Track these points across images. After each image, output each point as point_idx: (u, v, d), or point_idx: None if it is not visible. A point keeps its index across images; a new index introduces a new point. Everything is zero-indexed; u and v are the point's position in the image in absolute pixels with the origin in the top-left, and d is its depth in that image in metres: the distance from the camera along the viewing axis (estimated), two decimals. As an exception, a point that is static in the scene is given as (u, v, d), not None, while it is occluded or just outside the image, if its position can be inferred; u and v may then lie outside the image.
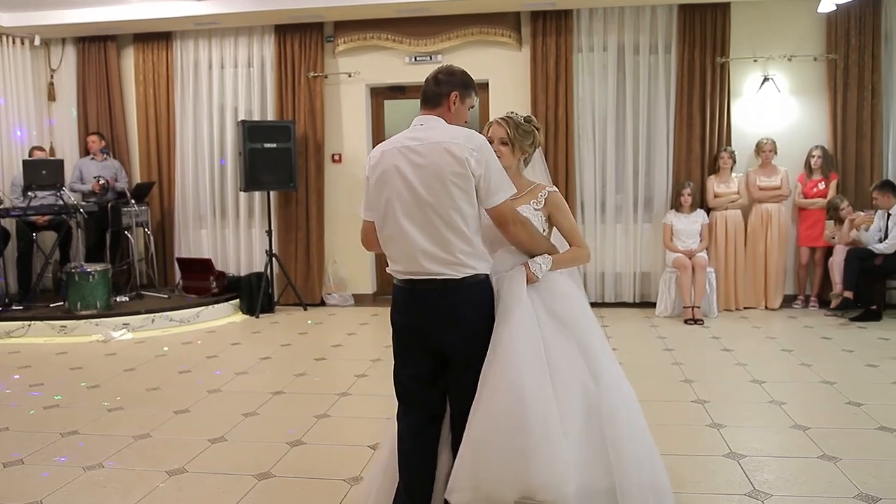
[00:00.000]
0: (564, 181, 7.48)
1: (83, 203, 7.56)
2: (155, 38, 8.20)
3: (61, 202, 7.25)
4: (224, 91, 8.26)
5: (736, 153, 7.35)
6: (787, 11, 7.36)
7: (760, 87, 7.41)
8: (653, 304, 7.43)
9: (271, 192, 7.93)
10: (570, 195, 7.51)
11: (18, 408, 4.68)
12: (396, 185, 2.62)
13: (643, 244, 7.67)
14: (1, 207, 7.38)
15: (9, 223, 7.76)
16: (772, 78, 7.37)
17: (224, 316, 7.51)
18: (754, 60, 7.39)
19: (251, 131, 7.54)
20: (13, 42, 8.13)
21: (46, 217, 7.56)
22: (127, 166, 8.37)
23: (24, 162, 7.43)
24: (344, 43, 7.91)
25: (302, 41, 7.94)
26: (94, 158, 8.02)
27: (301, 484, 3.47)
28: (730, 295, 7.37)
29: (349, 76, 7.97)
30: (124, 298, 7.43)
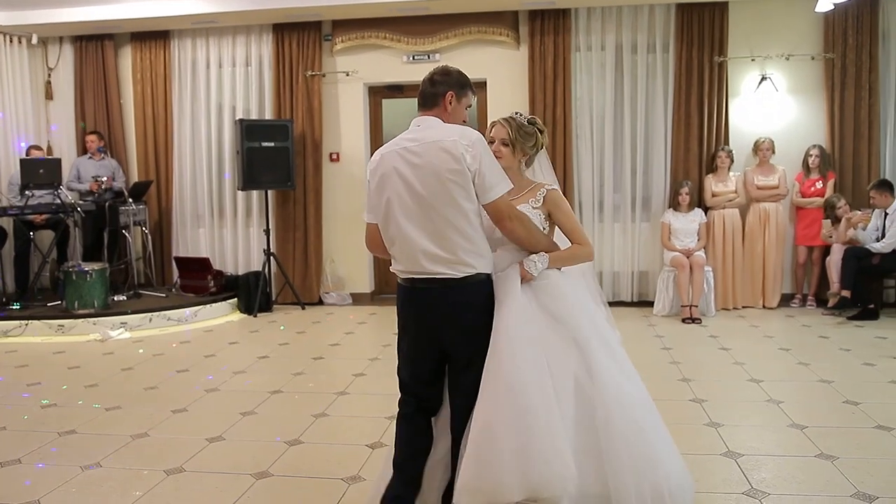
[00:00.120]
0: (562, 180, 7.48)
1: (81, 202, 7.56)
2: (152, 37, 8.19)
3: (59, 201, 7.24)
4: (222, 90, 8.25)
5: (734, 152, 7.36)
6: (784, 10, 7.37)
7: (758, 87, 7.41)
8: (651, 304, 7.43)
9: (269, 191, 7.92)
10: (568, 194, 7.51)
11: (16, 407, 4.68)
12: (396, 187, 2.65)
13: (641, 243, 7.68)
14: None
15: (6, 222, 7.75)
16: (769, 77, 7.38)
17: (222, 315, 7.51)
18: (752, 59, 7.40)
19: (249, 130, 7.53)
20: (10, 41, 8.11)
21: (44, 216, 7.55)
22: (124, 165, 8.37)
23: (21, 161, 7.42)
24: (342, 42, 7.91)
25: (300, 40, 7.94)
26: (91, 157, 8.02)
27: (299, 483, 3.47)
28: (727, 294, 7.38)
29: (347, 75, 7.96)
30: (122, 297, 7.42)
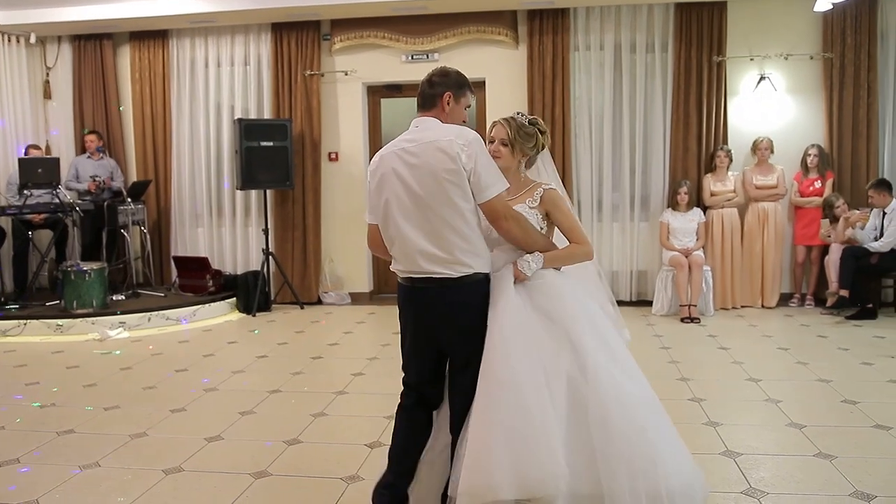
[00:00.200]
0: (561, 180, 7.44)
1: (79, 201, 7.55)
2: (151, 36, 8.18)
3: (57, 200, 7.23)
4: (220, 89, 8.25)
5: (732, 152, 7.37)
6: (783, 10, 7.37)
7: (757, 86, 7.42)
8: (649, 303, 7.43)
9: (268, 191, 7.92)
10: (567, 194, 7.48)
11: (14, 407, 4.67)
12: (394, 187, 2.68)
13: (640, 243, 7.68)
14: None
15: (4, 222, 7.74)
16: (768, 76, 7.38)
17: (221, 314, 7.51)
18: (751, 59, 7.40)
19: (248, 129, 7.52)
20: (8, 40, 8.10)
21: (42, 215, 7.54)
22: (123, 164, 8.36)
23: (19, 160, 7.41)
24: (340, 41, 7.90)
25: (298, 39, 7.93)
26: (90, 157, 8.01)
27: (298, 483, 3.47)
28: (726, 293, 7.38)
29: (346, 74, 7.96)
30: (120, 297, 7.42)
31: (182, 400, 4.73)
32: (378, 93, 8.21)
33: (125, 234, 7.77)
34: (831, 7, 6.89)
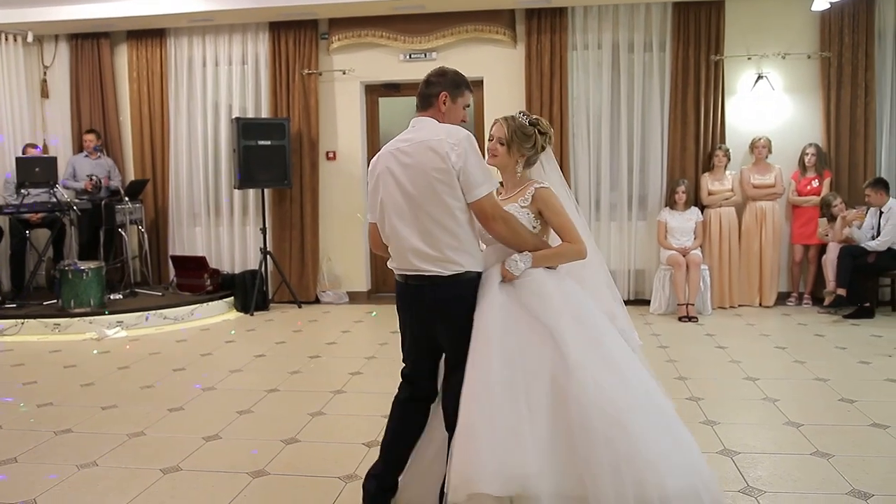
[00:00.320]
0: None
1: (76, 200, 7.54)
2: (149, 35, 8.18)
3: (55, 199, 7.22)
4: (218, 88, 8.24)
5: (730, 151, 7.37)
6: (781, 9, 7.38)
7: (754, 85, 7.42)
8: (647, 302, 7.44)
9: (266, 190, 7.91)
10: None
11: (12, 406, 4.66)
12: (389, 187, 2.74)
13: (637, 242, 7.68)
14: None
15: (2, 220, 7.74)
16: (766, 76, 7.38)
17: (218, 314, 7.50)
18: (748, 58, 7.40)
19: (245, 128, 7.52)
20: (6, 39, 8.09)
21: (40, 214, 7.53)
22: (120, 163, 8.35)
23: (17, 159, 7.39)
24: (338, 40, 7.90)
25: (296, 38, 7.93)
26: (87, 156, 8.00)
27: (296, 482, 3.47)
28: (724, 292, 7.39)
29: (344, 73, 7.95)
30: (118, 296, 7.42)
31: (180, 399, 4.73)
32: (376, 92, 8.21)
33: (123, 233, 7.76)
34: (829, 6, 6.90)
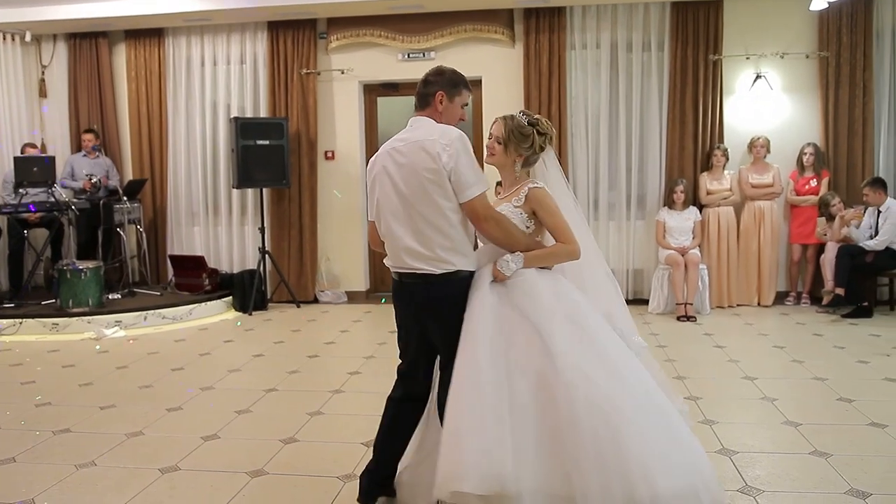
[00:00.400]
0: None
1: (75, 200, 7.53)
2: (147, 35, 8.17)
3: (53, 199, 7.21)
4: (217, 88, 8.23)
5: (728, 150, 7.37)
6: (779, 9, 7.38)
7: (753, 85, 7.43)
8: (645, 301, 7.44)
9: (264, 189, 7.91)
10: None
11: (10, 406, 4.66)
12: (385, 186, 2.78)
13: (636, 241, 7.68)
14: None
15: (0, 220, 7.72)
16: (764, 75, 7.39)
17: (217, 313, 7.50)
18: (747, 58, 7.41)
19: (244, 128, 7.51)
20: (3, 38, 8.07)
21: (38, 214, 7.52)
22: (119, 163, 8.35)
23: (15, 159, 7.38)
24: (337, 40, 7.89)
25: (295, 38, 7.92)
26: (86, 155, 8.00)
27: (294, 481, 3.47)
28: (722, 292, 7.40)
29: (342, 73, 7.95)
30: (116, 296, 7.41)
31: (178, 399, 4.72)
32: (374, 91, 8.21)
33: (121, 232, 7.75)
34: (827, 6, 6.92)
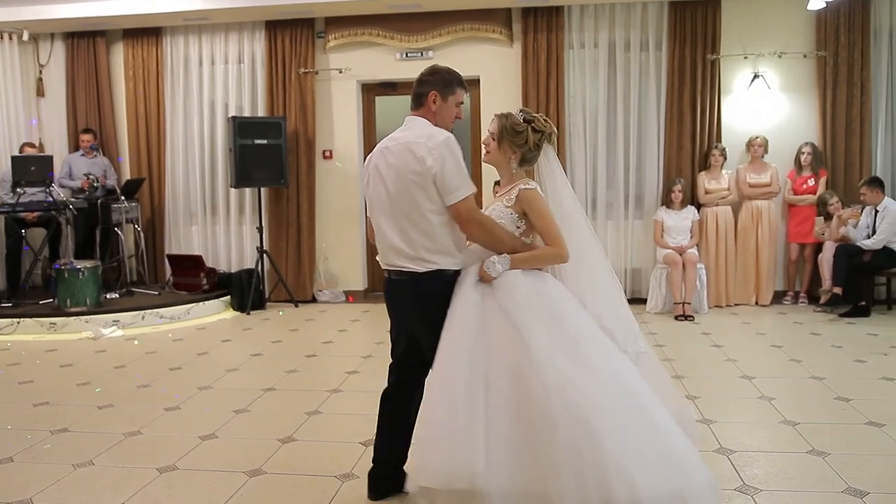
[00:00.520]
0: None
1: (72, 199, 7.52)
2: (145, 34, 8.16)
3: (51, 199, 7.20)
4: (214, 87, 8.23)
5: (726, 150, 7.38)
6: (777, 8, 7.39)
7: (751, 84, 7.43)
8: (644, 301, 7.44)
9: (262, 189, 7.90)
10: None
11: (8, 405, 4.65)
12: (376, 184, 2.84)
13: (634, 241, 7.69)
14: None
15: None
16: (762, 75, 7.40)
17: (215, 313, 7.49)
18: (744, 57, 7.41)
19: (242, 127, 7.51)
20: (1, 37, 8.06)
21: (35, 213, 7.51)
22: (116, 163, 8.33)
23: (12, 158, 7.37)
24: (335, 39, 7.89)
25: (293, 37, 7.92)
26: (83, 155, 7.99)
27: (292, 481, 3.46)
28: (720, 291, 7.40)
29: (340, 72, 7.94)
30: (114, 295, 7.40)
31: (176, 398, 4.72)
32: (372, 90, 8.20)
33: (119, 232, 7.75)
34: (825, 5, 6.92)
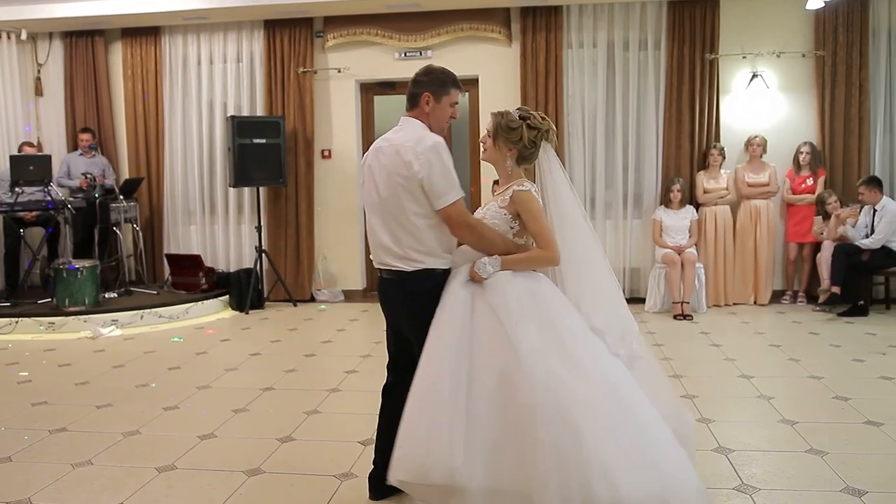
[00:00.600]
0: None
1: (71, 199, 7.52)
2: (143, 33, 8.15)
3: (49, 198, 7.19)
4: (213, 86, 8.22)
5: (725, 149, 7.38)
6: (775, 8, 7.39)
7: (749, 84, 7.44)
8: (642, 300, 7.44)
9: (261, 188, 7.90)
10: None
11: (6, 405, 4.65)
12: (370, 183, 2.87)
13: (632, 240, 7.69)
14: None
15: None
16: (760, 74, 7.40)
17: (213, 312, 7.49)
18: (743, 57, 7.42)
19: (240, 127, 7.50)
20: (-1, 36, 8.07)
21: (34, 213, 7.51)
22: (115, 162, 8.33)
23: (11, 157, 7.37)
24: (333, 38, 7.89)
25: (291, 36, 7.91)
26: (82, 154, 7.98)
27: (291, 480, 3.47)
28: (719, 290, 7.41)
29: (339, 72, 7.94)
30: (113, 295, 7.39)
31: (175, 398, 4.72)
32: (371, 90, 8.20)
33: (117, 231, 7.74)
34: (823, 5, 6.92)
